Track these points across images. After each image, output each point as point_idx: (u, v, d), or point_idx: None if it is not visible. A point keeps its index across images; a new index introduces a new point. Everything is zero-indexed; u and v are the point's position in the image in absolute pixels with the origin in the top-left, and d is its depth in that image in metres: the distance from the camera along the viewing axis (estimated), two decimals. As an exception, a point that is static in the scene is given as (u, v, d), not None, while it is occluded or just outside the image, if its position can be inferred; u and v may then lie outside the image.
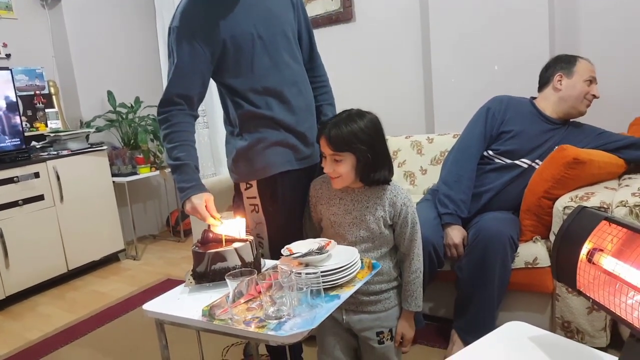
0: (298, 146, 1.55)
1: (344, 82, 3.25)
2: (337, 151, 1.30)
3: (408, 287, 1.41)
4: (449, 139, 2.53)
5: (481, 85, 2.60)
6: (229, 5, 1.43)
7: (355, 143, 1.29)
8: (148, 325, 2.26)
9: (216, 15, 1.42)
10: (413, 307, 1.42)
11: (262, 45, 1.46)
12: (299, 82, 1.56)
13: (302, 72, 1.59)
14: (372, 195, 1.38)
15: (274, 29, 1.49)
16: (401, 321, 1.45)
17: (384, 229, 1.39)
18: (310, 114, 1.60)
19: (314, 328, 1.00)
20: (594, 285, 0.79)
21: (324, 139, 1.32)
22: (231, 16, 1.43)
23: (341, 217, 1.41)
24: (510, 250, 1.75)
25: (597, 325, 1.68)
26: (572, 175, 1.73)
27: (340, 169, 1.32)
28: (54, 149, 3.24)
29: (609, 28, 2.38)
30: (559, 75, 1.96)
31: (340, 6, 3.19)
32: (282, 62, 1.50)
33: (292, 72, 1.53)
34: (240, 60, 1.46)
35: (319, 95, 1.69)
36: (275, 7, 1.51)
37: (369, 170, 1.33)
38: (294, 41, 1.56)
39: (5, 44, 3.33)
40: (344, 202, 1.41)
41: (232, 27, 1.43)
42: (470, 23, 2.60)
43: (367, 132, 1.30)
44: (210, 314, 1.08)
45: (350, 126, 1.29)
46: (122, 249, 3.54)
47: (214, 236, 1.34)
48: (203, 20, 1.41)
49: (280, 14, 1.51)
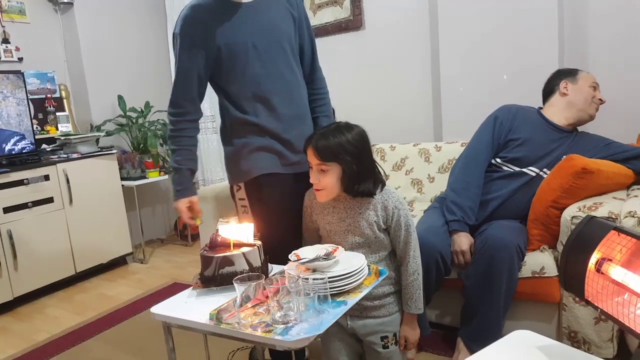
0: (283, 152, 1.60)
1: (352, 90, 3.28)
2: (323, 161, 1.33)
3: (407, 290, 1.42)
4: (457, 147, 2.53)
5: (489, 94, 2.60)
6: (228, 14, 1.52)
7: (342, 154, 1.31)
8: (155, 328, 2.27)
9: (214, 23, 1.51)
10: (413, 309, 1.42)
11: (256, 54, 1.53)
12: (292, 91, 1.61)
13: (296, 83, 1.64)
14: (363, 201, 1.40)
15: (271, 40, 1.56)
16: (403, 325, 1.45)
17: (378, 233, 1.40)
18: (300, 122, 1.65)
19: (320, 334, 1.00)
20: (602, 295, 0.78)
21: (310, 149, 1.35)
22: (228, 24, 1.51)
23: (336, 226, 1.43)
24: (517, 259, 1.74)
25: (604, 335, 1.66)
26: (580, 185, 1.72)
27: (326, 180, 1.34)
28: (64, 152, 3.27)
29: (618, 35, 2.38)
30: (564, 82, 1.98)
31: (350, 14, 3.21)
32: (276, 72, 1.57)
33: (285, 82, 1.59)
34: (234, 67, 1.54)
35: (317, 107, 1.75)
36: (274, 19, 1.57)
37: (354, 181, 1.34)
38: (290, 52, 1.61)
39: (18, 48, 3.38)
40: (337, 210, 1.43)
41: (229, 35, 1.51)
42: (479, 32, 2.61)
43: (354, 144, 1.33)
44: (217, 317, 1.08)
45: (338, 137, 1.32)
46: (130, 252, 3.56)
47: (222, 240, 1.35)
48: (201, 26, 1.50)
49: (279, 25, 1.58)
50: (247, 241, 1.35)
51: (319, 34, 3.36)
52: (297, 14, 1.65)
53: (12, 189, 2.83)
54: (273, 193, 1.59)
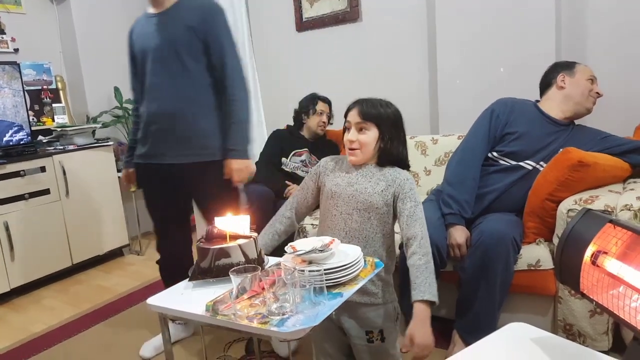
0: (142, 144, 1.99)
1: (349, 82, 3.26)
2: (365, 120, 1.38)
3: (419, 272, 1.26)
4: (454, 140, 2.52)
5: (486, 87, 2.60)
6: (139, 23, 1.98)
7: (383, 118, 1.39)
8: (151, 319, 2.27)
9: (131, 31, 2.02)
10: (428, 295, 1.23)
11: (144, 57, 1.91)
12: (159, 90, 1.89)
13: (165, 84, 1.87)
14: (377, 172, 1.42)
15: (154, 45, 1.87)
16: (413, 320, 1.24)
17: (381, 204, 1.38)
18: (164, 118, 1.89)
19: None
20: (597, 288, 0.79)
21: (355, 109, 1.41)
22: (136, 32, 1.98)
23: (342, 189, 1.42)
24: (513, 252, 1.75)
25: (599, 328, 1.68)
26: (576, 178, 1.72)
27: (364, 138, 1.39)
28: (61, 143, 3.26)
29: (616, 29, 2.37)
30: (562, 75, 1.97)
31: (347, 6, 3.19)
32: (151, 71, 1.89)
33: (153, 82, 1.90)
34: (136, 66, 1.99)
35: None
36: (166, 27, 1.86)
37: (388, 149, 1.40)
38: (171, 56, 1.84)
39: (13, 39, 3.35)
40: (348, 175, 1.44)
41: (134, 40, 1.98)
42: (476, 24, 2.60)
43: (393, 117, 1.42)
44: (213, 309, 1.09)
45: (381, 106, 1.42)
46: (127, 244, 3.55)
47: (218, 232, 1.35)
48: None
49: (168, 32, 1.85)
50: (243, 233, 1.35)
51: (315, 26, 3.35)
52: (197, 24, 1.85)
53: (8, 181, 2.81)
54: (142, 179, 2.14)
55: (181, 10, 1.85)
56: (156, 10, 1.89)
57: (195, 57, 1.85)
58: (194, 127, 1.88)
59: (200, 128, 1.89)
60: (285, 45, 3.56)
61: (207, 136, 1.89)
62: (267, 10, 3.61)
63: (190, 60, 1.84)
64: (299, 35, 3.47)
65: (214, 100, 1.91)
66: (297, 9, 3.42)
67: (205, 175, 1.90)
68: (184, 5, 1.86)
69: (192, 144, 1.88)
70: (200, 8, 1.85)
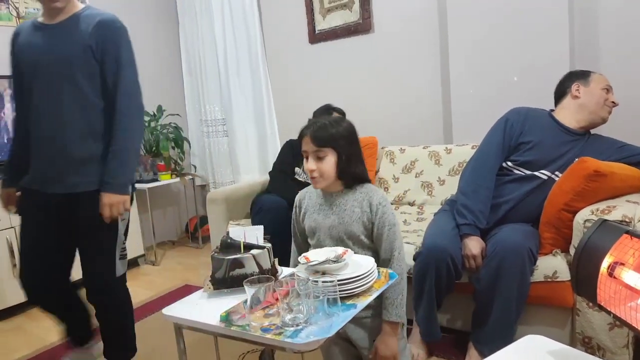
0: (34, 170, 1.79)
1: (362, 93, 3.28)
2: (320, 146, 1.39)
3: (388, 293, 1.35)
4: (468, 150, 2.51)
5: (499, 96, 2.58)
6: (25, 32, 1.77)
7: (336, 139, 1.39)
8: (166, 329, 2.28)
9: (13, 40, 1.80)
10: (394, 316, 1.35)
11: (33, 74, 1.71)
12: (44, 112, 1.71)
13: (52, 105, 1.70)
14: (349, 197, 1.44)
15: (45, 61, 1.68)
16: (380, 335, 1.38)
17: (361, 230, 1.41)
18: (45, 142, 1.73)
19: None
20: (615, 300, 0.78)
21: (307, 137, 1.41)
22: (21, 42, 1.76)
23: (320, 223, 1.45)
24: (529, 263, 1.73)
25: (619, 342, 1.64)
26: (592, 188, 1.70)
27: (323, 165, 1.39)
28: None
29: (631, 34, 2.35)
30: (577, 84, 1.96)
31: (359, 17, 3.21)
32: (37, 90, 1.71)
33: (38, 103, 1.71)
34: (22, 83, 1.76)
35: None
36: (60, 43, 1.69)
37: (348, 166, 1.41)
38: (62, 75, 1.68)
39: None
40: (323, 207, 1.47)
41: (19, 51, 1.76)
42: (488, 33, 2.60)
43: (346, 134, 1.42)
44: (228, 319, 1.09)
45: (332, 126, 1.41)
46: (142, 254, 3.58)
47: (232, 242, 1.36)
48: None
49: (62, 49, 1.68)
50: (257, 243, 1.36)
51: (328, 38, 3.37)
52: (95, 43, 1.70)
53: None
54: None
55: (79, 25, 1.69)
56: (49, 21, 1.72)
57: (90, 78, 1.70)
58: (73, 154, 1.71)
59: (80, 156, 1.72)
60: (299, 57, 3.59)
61: (86, 165, 1.73)
62: (280, 23, 3.65)
63: (84, 81, 1.69)
64: (312, 47, 3.50)
65: (103, 126, 1.74)
66: (309, 21, 3.45)
67: (78, 207, 1.73)
68: (82, 20, 1.70)
69: (70, 172, 1.72)
70: (101, 25, 1.69)
